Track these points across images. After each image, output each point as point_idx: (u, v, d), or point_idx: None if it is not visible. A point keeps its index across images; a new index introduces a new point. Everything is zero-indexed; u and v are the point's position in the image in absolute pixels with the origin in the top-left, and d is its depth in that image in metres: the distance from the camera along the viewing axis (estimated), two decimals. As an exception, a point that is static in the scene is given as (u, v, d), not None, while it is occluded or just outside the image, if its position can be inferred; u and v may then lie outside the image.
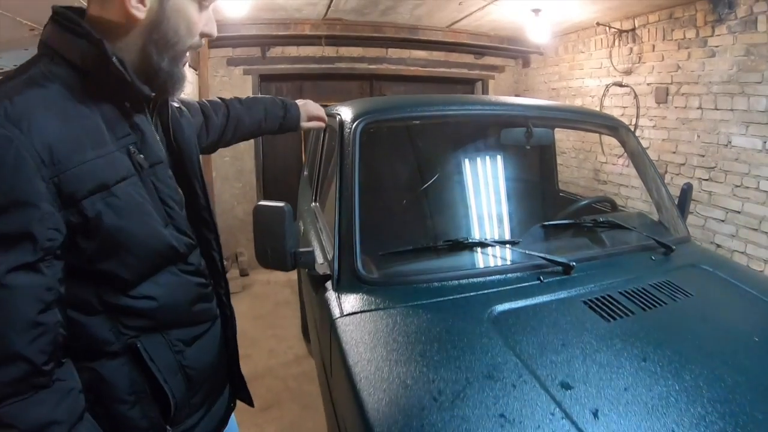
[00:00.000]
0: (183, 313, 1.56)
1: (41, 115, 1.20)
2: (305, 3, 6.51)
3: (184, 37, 1.43)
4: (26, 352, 1.15)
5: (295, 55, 8.13)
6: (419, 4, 6.53)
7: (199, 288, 1.63)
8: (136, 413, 1.45)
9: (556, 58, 8.32)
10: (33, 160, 1.15)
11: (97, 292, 1.35)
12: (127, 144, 1.38)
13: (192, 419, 1.64)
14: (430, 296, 2.18)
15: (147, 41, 1.38)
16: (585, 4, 6.16)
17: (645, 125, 6.44)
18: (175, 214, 1.52)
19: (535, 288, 2.26)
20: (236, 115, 2.38)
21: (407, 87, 9.09)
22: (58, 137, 1.21)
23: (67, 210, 1.23)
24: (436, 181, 3.32)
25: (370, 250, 2.43)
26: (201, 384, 1.64)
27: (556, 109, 3.62)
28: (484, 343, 1.85)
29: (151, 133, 1.48)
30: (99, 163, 1.28)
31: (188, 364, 1.57)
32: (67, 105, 1.26)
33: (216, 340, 1.74)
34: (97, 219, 1.27)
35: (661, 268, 2.61)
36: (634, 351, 1.84)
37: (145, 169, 1.42)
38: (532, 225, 2.78)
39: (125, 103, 1.40)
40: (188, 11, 1.42)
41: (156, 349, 1.47)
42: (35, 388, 1.17)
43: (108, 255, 1.33)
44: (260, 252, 2.30)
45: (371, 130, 2.84)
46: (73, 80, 1.30)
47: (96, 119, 1.31)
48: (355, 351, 1.89)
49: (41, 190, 1.16)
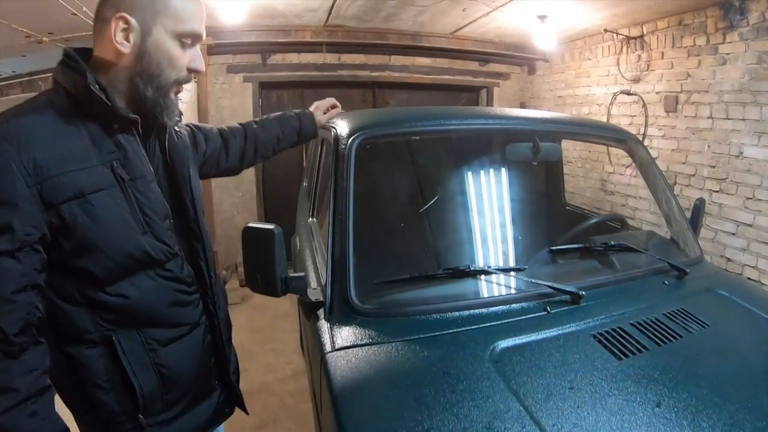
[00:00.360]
0: (157, 315, 1.72)
1: (30, 136, 1.44)
2: (305, 9, 6.47)
3: (167, 70, 1.65)
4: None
5: (296, 62, 8.09)
6: (422, 10, 6.47)
7: (178, 294, 1.78)
8: (111, 399, 1.65)
9: (563, 65, 8.25)
10: (18, 170, 1.38)
11: (78, 285, 1.56)
12: (111, 159, 1.59)
13: (166, 414, 1.78)
14: (428, 330, 2.06)
15: (133, 73, 1.62)
16: (592, 10, 6.09)
17: (654, 135, 6.35)
18: (154, 224, 1.69)
19: (541, 320, 2.12)
20: (253, 134, 2.59)
21: (411, 94, 9.05)
22: (43, 153, 1.43)
23: (48, 212, 1.44)
24: (436, 202, 3.18)
25: (364, 278, 2.30)
26: (176, 383, 1.78)
27: (563, 122, 3.50)
28: (485, 386, 1.72)
29: (134, 152, 1.67)
30: (79, 174, 1.49)
31: (162, 362, 1.73)
32: (58, 127, 1.51)
33: (197, 345, 1.88)
34: (73, 221, 1.48)
35: (674, 295, 2.48)
36: (648, 394, 1.70)
37: (127, 182, 1.61)
38: (538, 248, 2.67)
39: (113, 125, 1.61)
40: (168, 47, 1.63)
41: (129, 344, 1.66)
42: (4, 355, 1.36)
43: (83, 253, 1.53)
44: (250, 276, 2.22)
45: (368, 146, 2.72)
46: (68, 106, 1.55)
47: (83, 138, 1.54)
48: (345, 392, 1.78)
49: (24, 193, 1.38)
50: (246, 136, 2.57)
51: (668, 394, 1.70)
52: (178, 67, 1.68)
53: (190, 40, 1.68)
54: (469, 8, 6.33)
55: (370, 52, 8.25)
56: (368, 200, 2.84)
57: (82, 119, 1.56)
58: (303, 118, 2.75)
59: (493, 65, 9.11)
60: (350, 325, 2.13)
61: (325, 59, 8.06)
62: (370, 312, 2.18)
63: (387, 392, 1.73)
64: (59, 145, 1.48)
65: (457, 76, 8.93)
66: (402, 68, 8.59)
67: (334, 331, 2.13)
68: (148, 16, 1.58)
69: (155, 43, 1.61)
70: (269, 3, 6.09)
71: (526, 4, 5.96)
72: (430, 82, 8.82)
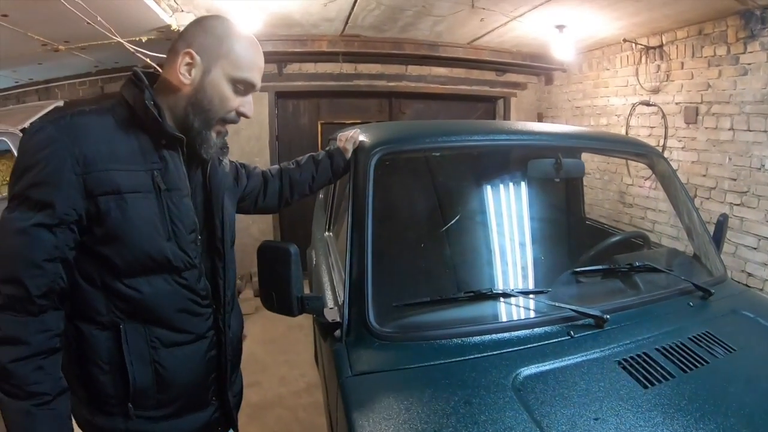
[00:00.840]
0: (165, 316, 1.81)
1: (86, 133, 1.64)
2: (322, 19, 6.47)
3: (216, 108, 1.82)
4: (26, 281, 1.54)
5: (312, 71, 8.11)
6: (439, 20, 6.43)
7: (189, 302, 1.87)
8: (107, 380, 1.75)
9: (580, 75, 8.19)
10: (69, 159, 1.58)
11: (99, 271, 1.70)
12: (152, 168, 1.75)
13: (155, 412, 1.86)
14: (448, 355, 2.03)
15: (188, 102, 1.80)
16: (610, 20, 6.05)
17: (673, 146, 6.27)
18: (180, 233, 1.81)
19: (564, 345, 2.09)
20: (289, 175, 2.73)
21: (427, 104, 9.05)
22: (93, 149, 1.62)
23: (88, 200, 1.61)
24: (457, 222, 3.14)
25: (383, 300, 2.28)
26: (170, 385, 1.86)
27: (586, 137, 3.49)
28: (509, 417, 1.68)
29: (175, 167, 1.82)
30: (120, 174, 1.67)
31: (160, 361, 1.81)
32: (112, 131, 1.70)
33: (198, 355, 1.94)
34: (106, 213, 1.64)
35: (699, 317, 2.44)
36: (675, 425, 1.67)
37: (162, 191, 1.75)
38: (560, 268, 2.63)
39: (161, 140, 1.77)
40: (222, 88, 1.81)
41: (134, 336, 1.76)
42: (24, 312, 1.55)
43: (109, 243, 1.68)
44: (265, 294, 2.23)
45: (387, 162, 2.70)
46: (126, 116, 1.74)
47: (133, 145, 1.72)
48: (362, 421, 1.75)
49: (70, 179, 1.58)
50: (282, 177, 2.72)
51: (695, 425, 1.67)
52: (227, 108, 1.83)
53: (243, 87, 1.85)
54: (487, 18, 6.29)
55: (386, 61, 8.25)
56: (387, 218, 2.82)
57: (135, 129, 1.74)
58: (333, 155, 2.81)
59: (510, 75, 9.08)
60: (368, 348, 2.12)
61: (341, 69, 8.07)
62: (388, 336, 2.15)
63: (407, 423, 1.70)
64: (109, 146, 1.67)
65: (474, 87, 8.91)
66: (418, 78, 8.58)
67: (351, 355, 2.10)
68: (212, 57, 1.78)
69: (212, 82, 1.79)
70: (286, 13, 6.09)
71: (544, 13, 5.92)
72: (447, 92, 8.81)
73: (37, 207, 1.56)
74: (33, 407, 1.55)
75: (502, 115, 9.35)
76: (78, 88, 9.07)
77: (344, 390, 1.93)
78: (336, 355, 2.15)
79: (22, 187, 1.58)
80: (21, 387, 1.53)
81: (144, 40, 6.05)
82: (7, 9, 4.97)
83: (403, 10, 6.04)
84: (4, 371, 1.51)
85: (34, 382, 1.55)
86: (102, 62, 8.21)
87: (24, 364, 1.53)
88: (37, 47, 6.54)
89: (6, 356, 1.52)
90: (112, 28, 5.29)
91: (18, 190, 1.59)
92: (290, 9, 5.96)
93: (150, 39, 6.17)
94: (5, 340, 1.53)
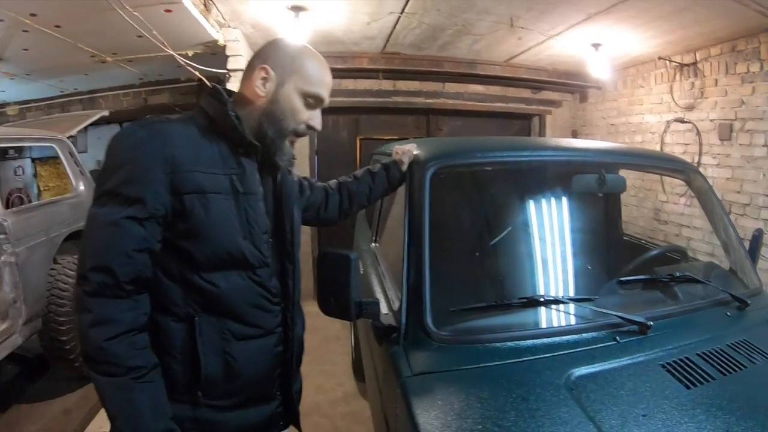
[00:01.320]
0: (239, 310, 1.92)
1: (174, 137, 1.78)
2: (364, 37, 6.59)
3: (288, 119, 1.94)
4: (115, 269, 1.65)
5: (351, 88, 8.18)
6: (478, 38, 6.53)
7: (261, 299, 1.98)
8: (178, 369, 1.84)
9: (615, 93, 8.20)
10: (160, 160, 1.71)
11: (179, 265, 1.81)
12: (231, 173, 1.88)
13: (222, 401, 1.94)
14: (503, 357, 2.13)
15: (262, 114, 1.94)
16: (645, 38, 6.11)
17: (708, 163, 6.26)
18: (255, 233, 1.93)
19: (611, 349, 2.20)
20: (346, 186, 2.89)
21: (464, 122, 9.10)
22: (180, 152, 1.76)
23: (174, 198, 1.74)
24: (507, 232, 3.25)
25: (440, 305, 2.37)
26: (239, 376, 1.94)
27: (626, 153, 3.59)
28: (564, 413, 1.79)
29: (251, 172, 1.95)
30: (204, 176, 1.80)
31: (231, 353, 1.91)
32: (196, 138, 1.84)
33: (267, 349, 2.04)
34: (191, 210, 1.76)
35: (737, 326, 2.53)
36: (717, 422, 1.77)
37: (240, 194, 1.89)
38: (603, 279, 2.73)
39: (239, 148, 1.91)
40: (294, 102, 1.94)
41: (207, 329, 1.86)
42: (114, 296, 1.66)
43: (191, 238, 1.79)
44: (323, 300, 2.33)
45: (442, 175, 2.82)
46: (207, 125, 1.89)
47: (214, 151, 1.86)
48: (426, 416, 1.85)
49: (160, 177, 1.70)
50: (341, 190, 2.87)
51: (736, 423, 1.77)
52: (298, 120, 1.96)
53: (313, 101, 1.98)
54: (525, 36, 6.38)
55: (424, 79, 8.30)
56: (441, 228, 2.90)
57: (216, 137, 1.87)
58: (389, 167, 2.97)
59: (545, 93, 9.09)
60: (426, 350, 2.22)
61: (380, 86, 8.16)
62: (445, 339, 2.25)
63: (468, 417, 1.80)
64: (194, 151, 1.80)
65: (510, 104, 8.93)
66: (456, 95, 8.62)
67: (410, 356, 2.21)
68: (285, 73, 1.93)
69: (285, 95, 1.93)
70: (329, 30, 6.22)
71: (580, 32, 6.01)
72: (483, 109, 8.84)
73: (128, 202, 1.67)
74: (131, 380, 1.65)
75: (537, 133, 9.38)
76: (122, 99, 9.27)
77: (405, 388, 2.03)
78: (394, 356, 2.26)
79: (113, 183, 1.69)
80: (118, 363, 1.63)
81: (190, 54, 6.22)
82: (61, 20, 5.16)
83: (443, 29, 6.14)
84: (100, 350, 1.62)
85: (130, 356, 1.66)
86: (147, 75, 8.45)
87: (118, 341, 1.64)
88: (85, 58, 6.75)
89: (100, 336, 1.62)
90: (162, 41, 5.44)
91: (108, 187, 1.70)
92: (333, 27, 6.10)
93: (196, 53, 6.35)
94: (98, 321, 1.63)
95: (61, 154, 5.96)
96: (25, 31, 5.38)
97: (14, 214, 4.81)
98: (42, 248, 5.03)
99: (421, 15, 5.64)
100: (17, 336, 4.56)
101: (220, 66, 6.12)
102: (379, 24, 5.96)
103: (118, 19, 4.83)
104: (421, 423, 1.83)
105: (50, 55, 6.55)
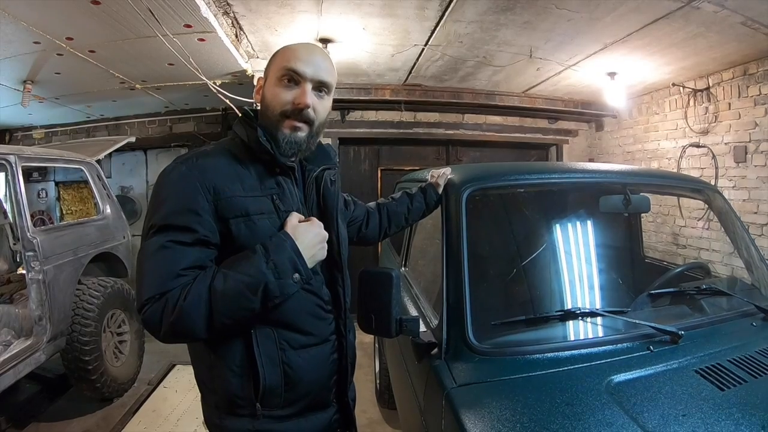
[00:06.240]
0: (294, 320, 1.97)
1: (212, 169, 1.87)
2: (388, 69, 6.74)
3: (273, 105, 1.97)
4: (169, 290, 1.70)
5: (373, 119, 8.34)
6: (498, 69, 6.68)
7: (316, 307, 2.04)
8: (237, 382, 1.91)
9: (630, 120, 8.33)
10: (202, 190, 1.80)
11: None
12: (271, 193, 1.96)
13: (281, 411, 1.98)
14: (544, 367, 2.21)
15: (260, 118, 2.02)
16: (660, 65, 6.24)
17: (724, 186, 6.35)
18: None
19: (646, 358, 2.27)
20: (386, 207, 3.01)
21: (482, 153, 9.22)
22: (219, 180, 1.85)
23: (221, 223, 1.82)
24: (540, 250, 3.34)
25: (480, 320, 2.45)
26: (297, 384, 1.98)
27: (648, 174, 3.71)
28: (608, 415, 1.87)
29: (289, 190, 2.02)
30: (246, 200, 1.88)
31: (288, 362, 1.95)
32: (233, 164, 1.93)
33: (323, 357, 2.08)
34: (237, 233, 1.85)
35: (763, 334, 2.60)
36: (753, 419, 1.85)
37: (281, 212, 1.95)
38: (632, 293, 2.80)
39: (276, 168, 1.99)
40: (273, 88, 1.98)
41: (264, 340, 1.91)
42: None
43: None
44: (364, 317, 2.36)
45: (476, 197, 2.93)
46: (242, 151, 1.98)
47: (252, 175, 1.94)
48: (473, 422, 1.93)
49: (204, 206, 1.79)
50: (380, 210, 2.98)
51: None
52: (282, 102, 1.95)
53: (291, 79, 1.95)
54: (543, 67, 6.54)
55: (444, 110, 8.45)
56: (477, 246, 3.01)
57: (252, 161, 1.96)
58: (426, 189, 3.07)
59: (562, 122, 9.23)
60: (468, 363, 2.29)
61: (401, 117, 8.31)
62: (486, 351, 2.33)
63: (516, 422, 1.88)
64: (233, 177, 1.89)
65: (528, 134, 9.06)
66: (474, 126, 8.76)
67: (453, 369, 2.28)
68: (268, 70, 2.04)
69: (267, 88, 2.02)
70: (354, 62, 6.39)
71: (597, 61, 6.17)
72: (502, 139, 8.97)
73: (177, 230, 1.75)
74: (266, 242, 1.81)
75: (555, 162, 9.42)
76: (147, 126, 9.52)
77: (451, 399, 2.09)
78: (437, 370, 2.33)
79: (161, 216, 1.77)
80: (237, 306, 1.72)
81: (218, 84, 6.32)
82: (96, 45, 5.30)
83: (465, 60, 6.30)
84: (229, 295, 1.70)
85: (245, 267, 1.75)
86: (173, 103, 8.64)
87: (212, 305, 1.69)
88: (115, 84, 6.93)
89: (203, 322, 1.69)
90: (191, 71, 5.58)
91: (156, 220, 1.77)
92: (359, 59, 6.26)
93: (224, 82, 6.49)
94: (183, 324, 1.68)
95: (89, 176, 6.08)
96: (60, 54, 5.53)
97: (43, 232, 4.93)
98: (69, 268, 5.14)
99: (445, 47, 5.79)
100: (40, 353, 4.65)
101: (247, 96, 6.21)
102: (403, 56, 6.12)
103: (152, 46, 5.03)
104: (469, 428, 1.90)
105: (81, 81, 6.72)
